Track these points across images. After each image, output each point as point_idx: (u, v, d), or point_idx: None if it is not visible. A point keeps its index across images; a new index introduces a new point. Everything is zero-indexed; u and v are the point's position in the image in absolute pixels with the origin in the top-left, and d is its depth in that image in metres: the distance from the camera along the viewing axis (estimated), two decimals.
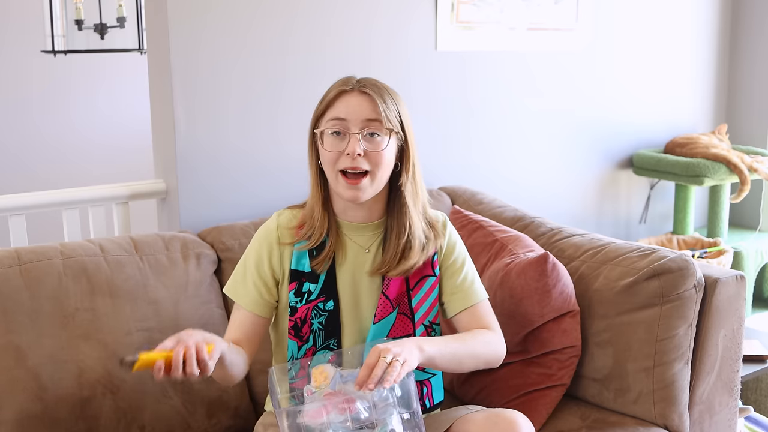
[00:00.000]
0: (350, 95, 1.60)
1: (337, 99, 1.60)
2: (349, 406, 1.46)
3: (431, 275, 1.71)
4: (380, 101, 1.59)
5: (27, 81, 4.31)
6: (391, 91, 1.64)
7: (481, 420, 1.61)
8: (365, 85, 1.61)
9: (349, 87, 1.61)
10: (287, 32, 2.47)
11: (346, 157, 1.58)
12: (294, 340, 1.69)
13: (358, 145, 1.57)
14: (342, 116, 1.59)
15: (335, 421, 1.45)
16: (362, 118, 1.58)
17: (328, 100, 1.61)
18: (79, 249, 1.96)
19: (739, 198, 3.22)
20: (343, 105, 1.59)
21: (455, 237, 1.78)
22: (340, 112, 1.59)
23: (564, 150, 3.21)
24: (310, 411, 1.46)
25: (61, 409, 1.80)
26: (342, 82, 1.63)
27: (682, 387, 1.96)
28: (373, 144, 1.59)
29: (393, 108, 1.61)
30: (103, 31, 3.65)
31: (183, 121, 2.34)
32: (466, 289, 1.73)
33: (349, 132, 1.58)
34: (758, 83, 3.62)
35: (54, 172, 4.22)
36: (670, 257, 1.95)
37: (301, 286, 1.67)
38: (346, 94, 1.60)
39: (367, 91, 1.60)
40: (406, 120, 1.64)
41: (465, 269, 1.75)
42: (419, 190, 1.68)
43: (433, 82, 2.81)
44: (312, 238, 1.66)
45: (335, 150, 1.59)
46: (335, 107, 1.60)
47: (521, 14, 2.96)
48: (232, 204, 2.44)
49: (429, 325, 1.72)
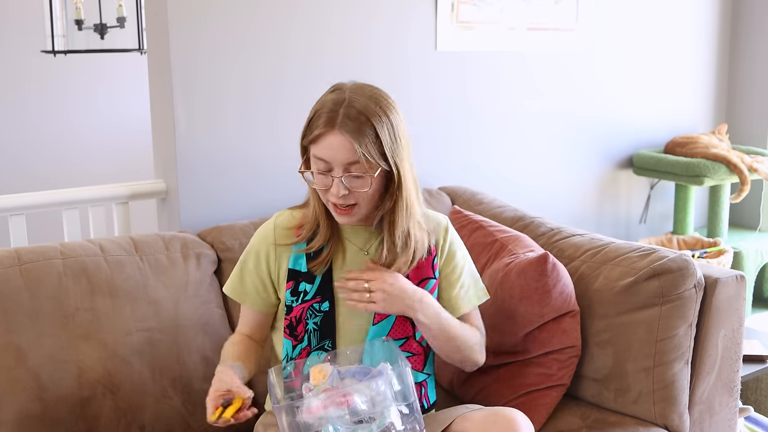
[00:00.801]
0: (332, 136, 1.54)
1: (320, 138, 1.56)
2: (347, 399, 1.46)
3: (431, 277, 1.72)
4: (358, 143, 1.53)
5: (27, 81, 4.31)
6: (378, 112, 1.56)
7: (481, 418, 1.61)
8: (345, 122, 1.53)
9: (331, 125, 1.54)
10: (287, 32, 2.47)
11: (333, 195, 1.58)
12: (289, 339, 1.70)
13: (340, 188, 1.56)
14: (325, 158, 1.56)
15: (333, 415, 1.45)
16: (343, 161, 1.55)
17: (314, 135, 1.56)
18: (79, 249, 1.96)
19: (739, 198, 3.22)
20: (325, 146, 1.55)
21: (457, 243, 1.78)
22: (323, 153, 1.56)
23: (564, 150, 3.21)
24: (309, 407, 1.46)
25: (61, 409, 1.80)
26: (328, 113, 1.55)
27: (682, 387, 1.96)
28: (357, 184, 1.57)
29: (374, 143, 1.54)
30: (103, 31, 3.65)
31: (183, 121, 2.34)
32: (461, 298, 1.76)
33: (332, 174, 1.57)
34: (758, 83, 3.62)
35: (54, 172, 4.22)
36: (670, 257, 1.95)
37: (298, 285, 1.68)
38: (329, 134, 1.55)
39: (346, 134, 1.53)
40: (397, 145, 1.58)
41: (463, 278, 1.76)
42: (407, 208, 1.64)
43: (433, 83, 2.81)
44: (313, 243, 1.67)
45: (322, 187, 1.59)
46: (319, 146, 1.56)
47: (521, 14, 2.96)
48: (232, 204, 2.44)
49: None
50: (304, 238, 1.67)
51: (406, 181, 1.61)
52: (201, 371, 1.97)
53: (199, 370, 1.97)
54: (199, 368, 1.97)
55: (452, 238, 1.77)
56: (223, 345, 2.01)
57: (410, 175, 1.63)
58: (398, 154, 1.58)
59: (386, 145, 1.56)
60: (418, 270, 1.70)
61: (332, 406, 1.46)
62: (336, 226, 1.69)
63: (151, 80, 2.48)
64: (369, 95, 1.58)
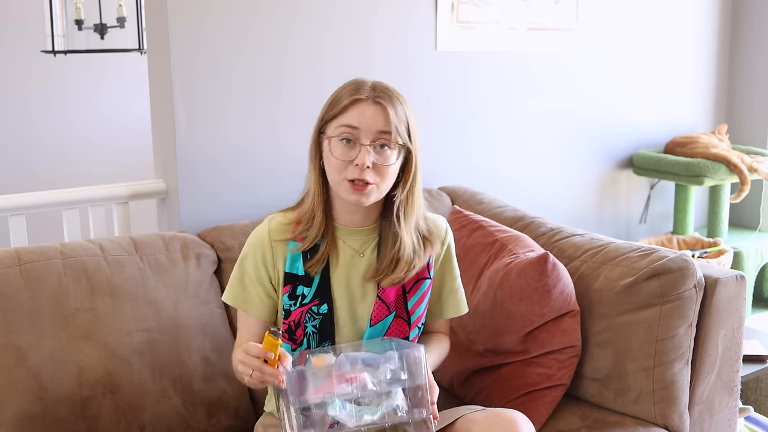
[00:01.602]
0: (364, 104, 1.56)
1: (351, 106, 1.56)
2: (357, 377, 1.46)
3: (426, 278, 1.72)
4: (393, 113, 1.56)
5: (27, 81, 4.31)
6: (402, 99, 1.61)
7: (482, 420, 1.61)
8: (380, 94, 1.58)
9: (363, 95, 1.57)
10: (287, 32, 2.48)
11: (354, 168, 1.56)
12: (288, 342, 1.68)
13: (368, 157, 1.55)
14: (354, 124, 1.56)
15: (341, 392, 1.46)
16: (375, 129, 1.55)
17: (342, 106, 1.57)
18: (79, 249, 1.96)
19: (739, 198, 3.22)
20: (356, 113, 1.56)
21: (453, 250, 1.79)
22: (352, 120, 1.56)
23: (564, 150, 3.21)
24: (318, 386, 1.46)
25: (61, 409, 1.80)
26: (355, 87, 1.59)
27: (682, 387, 1.96)
28: (383, 157, 1.57)
29: (404, 120, 1.59)
30: (103, 31, 3.65)
31: (183, 121, 2.34)
32: (451, 301, 1.79)
33: (360, 142, 1.56)
34: (758, 83, 3.62)
35: (53, 172, 4.22)
36: (670, 257, 1.95)
37: (295, 289, 1.67)
38: (361, 102, 1.57)
39: (382, 102, 1.57)
40: (413, 131, 1.62)
41: (457, 282, 1.79)
42: (415, 204, 1.65)
43: (433, 83, 2.81)
44: (306, 240, 1.64)
45: (344, 159, 1.57)
46: (348, 114, 1.56)
47: (521, 14, 2.96)
48: (232, 204, 2.44)
49: (420, 327, 1.74)
50: (301, 234, 1.64)
51: (418, 170, 1.64)
52: (201, 371, 1.96)
53: (199, 370, 1.97)
54: (199, 368, 1.97)
55: (451, 242, 1.78)
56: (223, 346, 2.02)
57: (419, 178, 1.66)
58: (414, 140, 1.62)
59: (410, 125, 1.61)
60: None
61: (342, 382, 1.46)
62: (331, 224, 1.67)
63: (151, 80, 2.48)
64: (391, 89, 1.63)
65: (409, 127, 1.60)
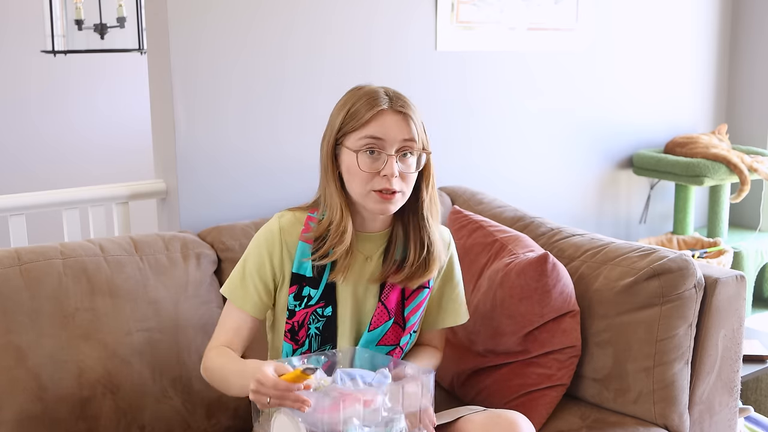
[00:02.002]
0: (386, 114, 1.57)
1: (374, 118, 1.57)
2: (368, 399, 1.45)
3: (426, 287, 1.72)
4: (413, 121, 1.59)
5: (27, 81, 4.31)
6: (414, 104, 1.63)
7: (482, 420, 1.61)
8: (400, 103, 1.59)
9: (384, 105, 1.58)
10: (287, 33, 2.47)
11: (381, 179, 1.56)
12: (290, 343, 1.68)
13: (395, 167, 1.56)
14: (379, 136, 1.56)
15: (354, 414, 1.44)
16: (399, 138, 1.57)
17: (364, 119, 1.57)
18: (79, 249, 1.96)
19: (739, 198, 3.22)
20: (379, 124, 1.56)
21: (456, 260, 1.81)
22: (377, 131, 1.56)
23: (564, 150, 3.21)
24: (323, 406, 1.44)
25: (61, 409, 1.80)
26: (372, 97, 1.59)
27: (682, 387, 1.96)
28: (406, 165, 1.59)
29: (421, 125, 1.62)
30: (103, 31, 3.65)
31: (183, 121, 2.34)
32: (453, 311, 1.81)
33: (386, 152, 1.57)
34: (758, 83, 3.62)
35: (53, 172, 4.21)
36: (670, 257, 1.95)
37: (301, 290, 1.66)
38: (383, 113, 1.57)
39: (404, 111, 1.58)
40: (426, 136, 1.64)
41: (457, 291, 1.80)
42: (437, 202, 1.69)
43: (433, 83, 2.81)
44: (333, 254, 1.62)
45: (371, 171, 1.57)
46: (371, 126, 1.57)
47: (521, 14, 2.96)
48: (232, 204, 2.44)
49: (413, 333, 1.75)
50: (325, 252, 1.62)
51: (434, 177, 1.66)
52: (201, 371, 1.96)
53: (199, 370, 1.96)
54: (198, 368, 1.96)
55: (453, 252, 1.79)
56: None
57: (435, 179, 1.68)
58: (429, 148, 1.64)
59: (425, 131, 1.63)
60: None
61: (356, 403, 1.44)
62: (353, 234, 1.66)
63: (151, 80, 2.48)
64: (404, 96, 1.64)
65: (425, 130, 1.63)
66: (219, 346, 1.68)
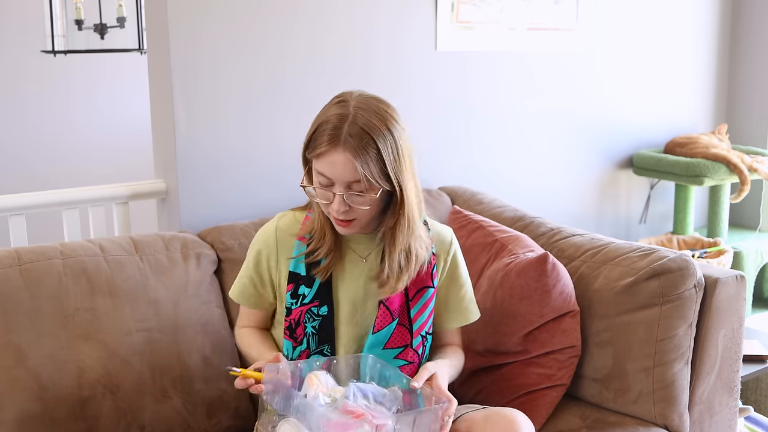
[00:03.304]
0: (334, 154, 1.53)
1: (323, 155, 1.55)
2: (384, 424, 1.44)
3: (430, 287, 1.72)
4: (360, 163, 1.52)
5: (27, 81, 4.31)
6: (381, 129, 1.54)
7: (481, 419, 1.62)
8: (352, 139, 1.52)
9: (337, 143, 1.53)
10: (287, 32, 2.47)
11: (333, 210, 1.59)
12: (289, 340, 1.70)
13: (341, 205, 1.57)
14: (327, 175, 1.56)
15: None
16: (344, 180, 1.55)
17: (317, 152, 1.55)
18: (79, 249, 1.96)
19: (739, 198, 3.22)
20: (327, 164, 1.55)
21: (460, 259, 1.80)
22: (325, 170, 1.56)
23: (564, 150, 3.21)
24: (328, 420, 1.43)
25: (61, 409, 1.80)
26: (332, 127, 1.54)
27: (682, 387, 1.96)
28: (358, 201, 1.58)
29: (376, 162, 1.54)
30: (103, 31, 3.65)
31: (183, 121, 2.34)
32: (461, 310, 1.80)
33: (333, 190, 1.57)
34: (758, 83, 3.62)
35: (54, 172, 4.21)
36: (670, 257, 1.95)
37: (297, 288, 1.69)
38: (331, 152, 1.53)
39: (352, 150, 1.52)
40: (396, 165, 1.56)
41: (464, 290, 1.79)
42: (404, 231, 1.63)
43: (433, 83, 2.81)
44: (317, 254, 1.67)
45: (324, 200, 1.60)
46: (321, 162, 1.56)
47: (521, 14, 2.96)
48: (232, 204, 2.44)
49: (425, 335, 1.74)
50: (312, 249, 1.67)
51: (409, 198, 1.61)
52: (201, 371, 1.96)
53: (199, 370, 1.96)
54: (199, 368, 1.97)
55: (456, 251, 1.78)
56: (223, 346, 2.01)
57: (413, 191, 1.62)
58: (401, 172, 1.57)
59: (389, 164, 1.55)
60: (417, 279, 1.70)
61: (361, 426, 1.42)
62: (338, 235, 1.69)
63: (151, 80, 2.48)
64: (374, 110, 1.56)
65: (387, 165, 1.55)
66: (245, 327, 1.81)
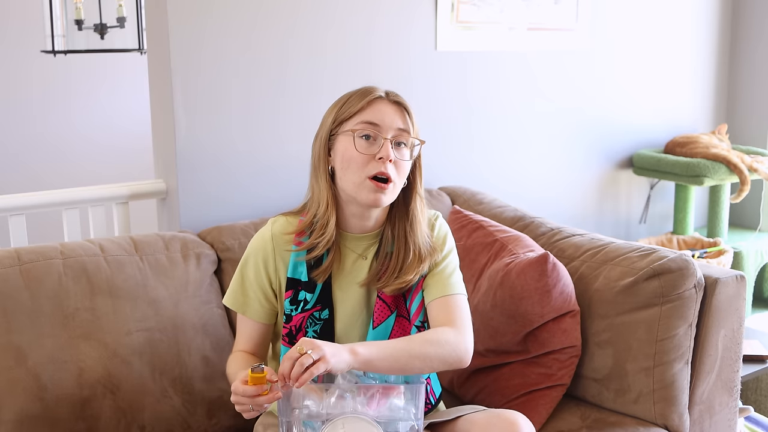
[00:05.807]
0: (382, 103, 1.62)
1: (369, 105, 1.61)
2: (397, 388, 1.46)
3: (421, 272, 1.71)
4: (408, 113, 1.63)
5: (27, 81, 4.31)
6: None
7: (482, 420, 1.61)
8: (395, 95, 1.64)
9: (380, 94, 1.63)
10: (288, 33, 2.48)
11: (376, 162, 1.58)
12: (288, 347, 1.68)
13: (391, 151, 1.58)
14: (375, 121, 1.59)
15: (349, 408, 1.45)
16: (395, 126, 1.60)
17: (359, 106, 1.61)
18: (79, 249, 1.96)
19: (739, 198, 3.22)
20: (375, 111, 1.60)
21: (444, 230, 1.76)
22: (373, 117, 1.60)
23: (564, 150, 3.21)
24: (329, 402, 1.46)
25: (61, 409, 1.80)
26: (366, 90, 1.64)
27: (682, 387, 1.96)
28: (401, 154, 1.61)
29: (415, 122, 1.65)
30: (103, 31, 3.65)
31: (183, 121, 2.34)
32: (443, 280, 1.69)
33: (382, 136, 1.59)
34: (758, 83, 3.62)
35: (54, 172, 4.22)
36: (670, 257, 1.95)
37: (297, 294, 1.67)
38: (379, 101, 1.62)
39: (399, 101, 1.63)
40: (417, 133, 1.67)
41: (446, 261, 1.72)
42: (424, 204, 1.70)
43: (434, 82, 2.81)
44: (315, 250, 1.64)
45: (366, 153, 1.58)
46: (366, 112, 1.60)
47: (521, 14, 2.96)
48: (233, 204, 2.44)
49: (420, 325, 1.71)
50: (308, 246, 1.65)
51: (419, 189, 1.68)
52: (201, 371, 1.97)
53: (199, 370, 1.97)
54: (199, 368, 1.97)
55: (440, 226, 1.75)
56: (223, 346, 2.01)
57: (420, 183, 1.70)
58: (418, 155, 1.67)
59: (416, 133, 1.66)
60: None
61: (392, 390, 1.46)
62: (338, 229, 1.67)
63: (151, 80, 2.48)
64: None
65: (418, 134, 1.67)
66: (237, 352, 1.72)
